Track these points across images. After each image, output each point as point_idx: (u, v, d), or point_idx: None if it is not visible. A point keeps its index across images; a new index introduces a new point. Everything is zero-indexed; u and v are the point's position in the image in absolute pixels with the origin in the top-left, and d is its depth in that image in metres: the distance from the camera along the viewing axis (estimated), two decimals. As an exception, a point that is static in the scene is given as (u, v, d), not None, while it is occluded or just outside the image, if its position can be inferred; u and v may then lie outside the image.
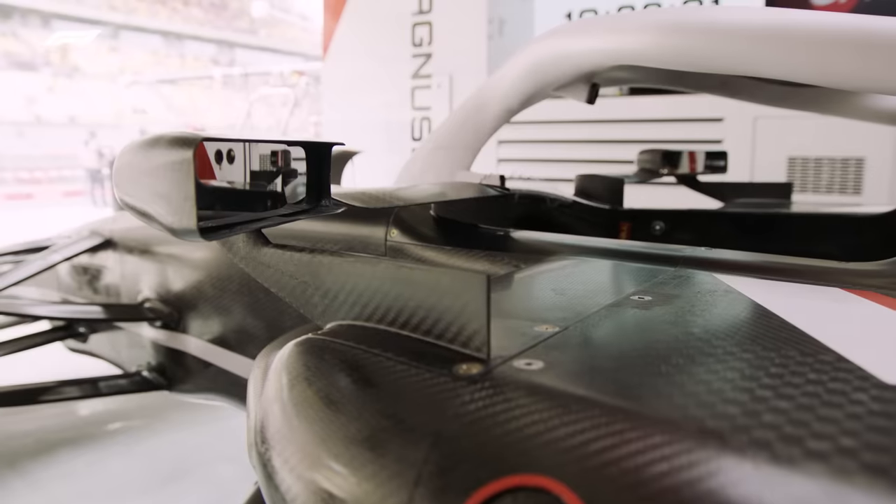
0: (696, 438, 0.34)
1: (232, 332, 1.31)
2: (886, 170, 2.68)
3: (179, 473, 2.32)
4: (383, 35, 4.06)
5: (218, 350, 1.35)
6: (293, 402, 0.48)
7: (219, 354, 1.35)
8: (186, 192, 0.55)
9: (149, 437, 2.59)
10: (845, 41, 0.68)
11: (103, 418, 2.74)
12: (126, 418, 2.75)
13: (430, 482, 0.37)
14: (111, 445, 2.48)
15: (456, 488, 0.36)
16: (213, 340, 1.36)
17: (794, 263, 0.71)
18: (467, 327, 0.49)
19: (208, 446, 2.56)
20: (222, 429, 2.69)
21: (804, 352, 0.46)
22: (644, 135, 3.20)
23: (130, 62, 24.25)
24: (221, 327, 1.33)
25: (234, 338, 1.31)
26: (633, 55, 0.86)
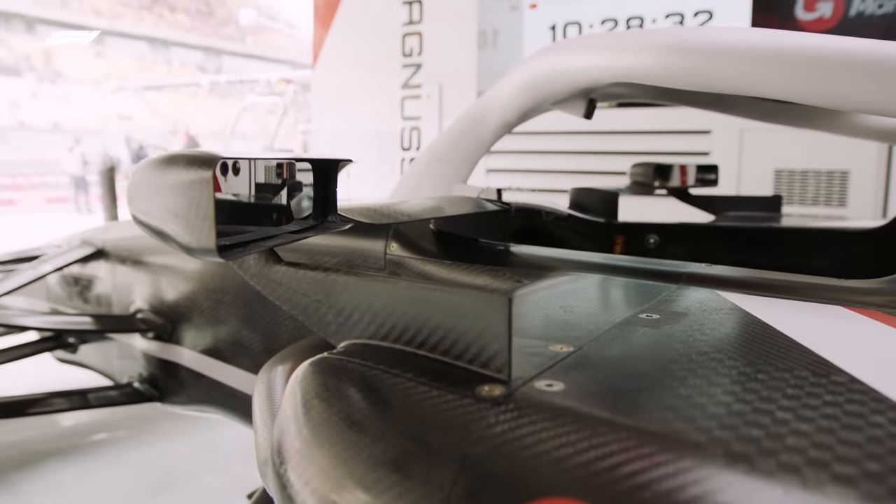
0: (724, 462, 0.35)
1: (227, 344, 1.30)
2: (870, 182, 2.72)
3: (168, 485, 2.30)
4: (373, 44, 4.07)
5: (212, 362, 1.35)
6: (313, 422, 0.48)
7: (213, 366, 1.35)
8: (205, 212, 0.55)
9: (136, 449, 2.56)
10: (849, 64, 0.70)
11: (89, 429, 2.71)
12: (112, 429, 2.73)
13: None
14: (99, 457, 2.46)
15: None
16: (207, 352, 1.36)
17: (795, 281, 0.72)
18: (488, 348, 0.49)
19: (195, 458, 2.55)
20: (209, 440, 2.67)
21: (817, 373, 0.47)
22: (632, 146, 3.22)
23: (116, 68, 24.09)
24: (216, 339, 1.32)
25: (229, 350, 1.30)
26: (636, 73, 0.87)
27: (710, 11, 3.27)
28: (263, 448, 0.65)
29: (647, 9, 3.43)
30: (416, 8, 3.88)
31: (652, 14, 3.42)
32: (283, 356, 0.86)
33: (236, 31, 23.24)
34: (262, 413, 0.72)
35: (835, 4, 2.96)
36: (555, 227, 1.37)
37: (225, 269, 1.29)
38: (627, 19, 3.49)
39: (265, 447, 0.64)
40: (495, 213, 1.02)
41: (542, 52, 1.06)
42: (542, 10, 3.75)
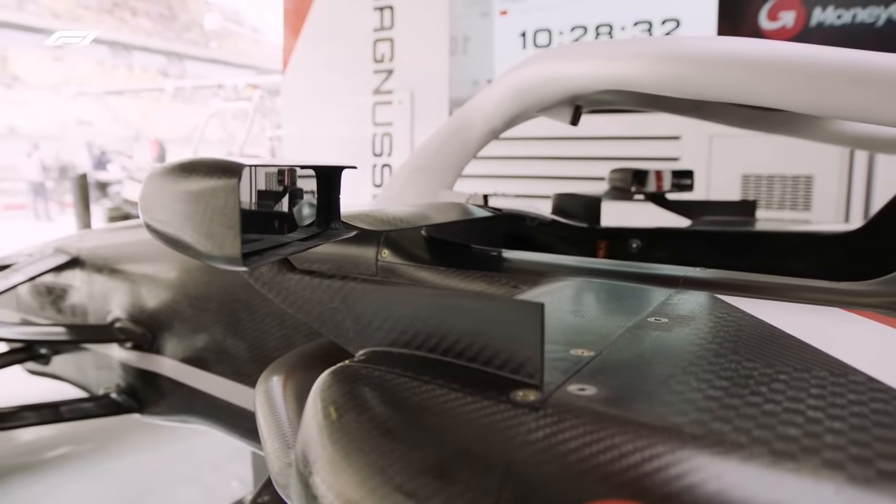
0: (770, 461, 0.36)
1: (210, 353, 1.28)
2: (833, 187, 2.80)
3: (140, 497, 2.26)
4: (344, 50, 4.06)
5: (195, 371, 1.33)
6: (343, 430, 0.48)
7: (195, 375, 1.33)
8: (230, 220, 0.55)
9: (106, 461, 2.51)
10: (838, 73, 0.73)
11: (54, 443, 2.65)
12: (78, 442, 2.67)
13: None
14: (68, 471, 2.40)
15: None
16: (189, 361, 1.34)
17: (789, 283, 0.74)
18: (519, 354, 0.49)
19: (168, 469, 2.50)
20: (182, 450, 2.63)
21: (834, 372, 0.48)
22: (603, 152, 3.27)
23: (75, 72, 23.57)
24: (199, 348, 1.30)
25: (213, 359, 1.28)
26: (630, 81, 0.88)
27: (678, 20, 3.34)
28: (276, 459, 0.64)
29: (616, 17, 3.48)
30: (388, 14, 3.87)
31: (621, 22, 3.47)
32: (281, 365, 0.85)
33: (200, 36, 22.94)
34: (268, 424, 0.71)
35: (797, 14, 3.04)
36: (539, 232, 1.38)
37: (209, 278, 1.27)
38: (597, 26, 3.53)
39: (278, 458, 0.63)
40: (484, 220, 1.02)
41: (531, 60, 1.08)
42: (512, 16, 3.78)
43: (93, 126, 21.53)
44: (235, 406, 1.26)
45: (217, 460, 2.55)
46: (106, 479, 2.35)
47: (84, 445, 2.64)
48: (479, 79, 3.86)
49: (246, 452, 2.44)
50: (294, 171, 0.69)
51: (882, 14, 2.88)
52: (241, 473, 2.49)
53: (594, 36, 3.54)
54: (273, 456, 0.66)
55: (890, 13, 2.86)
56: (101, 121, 21.87)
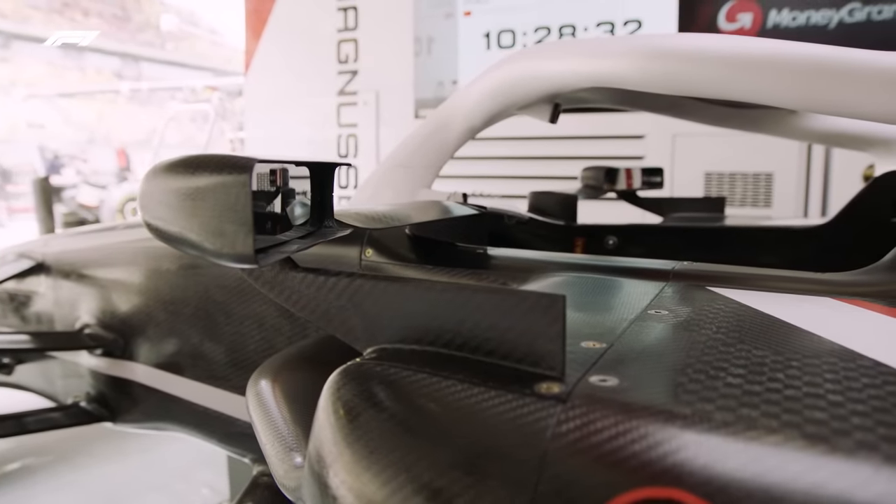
0: (805, 444, 0.37)
1: (187, 358, 1.26)
2: (792, 184, 2.88)
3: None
4: (308, 51, 4.03)
5: (170, 377, 1.30)
6: (362, 429, 0.47)
7: (171, 381, 1.30)
8: (242, 217, 0.54)
9: (72, 472, 2.44)
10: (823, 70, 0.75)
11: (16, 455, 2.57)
12: (42, 454, 2.59)
13: (549, 501, 0.37)
14: (32, 484, 2.33)
15: None
16: (164, 367, 1.31)
17: (777, 275, 0.76)
18: (540, 346, 0.49)
19: (136, 478, 2.45)
20: (150, 459, 2.57)
21: (843, 358, 0.50)
22: (569, 152, 3.30)
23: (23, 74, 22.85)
24: (174, 353, 1.28)
25: (189, 364, 1.26)
26: (614, 78, 0.90)
27: (639, 21, 3.39)
28: (280, 463, 0.63)
29: (579, 18, 3.52)
30: (352, 14, 3.86)
31: (583, 23, 3.51)
32: (270, 368, 0.84)
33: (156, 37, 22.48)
34: (266, 428, 0.70)
35: (754, 16, 3.12)
36: (517, 230, 1.39)
37: (183, 281, 1.25)
38: (560, 27, 3.57)
39: (281, 461, 0.62)
40: (468, 218, 1.03)
41: (512, 58, 1.08)
42: (476, 17, 3.79)
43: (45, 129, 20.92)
44: (213, 411, 1.24)
45: (186, 468, 2.50)
46: (72, 492, 2.29)
47: (46, 457, 2.57)
48: (444, 80, 3.87)
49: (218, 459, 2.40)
50: (282, 169, 0.69)
51: (834, 17, 2.97)
52: (212, 481, 2.45)
53: (557, 37, 3.57)
54: (276, 460, 0.65)
55: (841, 16, 2.95)
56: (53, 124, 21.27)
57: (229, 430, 1.23)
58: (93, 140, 19.42)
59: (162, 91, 14.15)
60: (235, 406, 1.20)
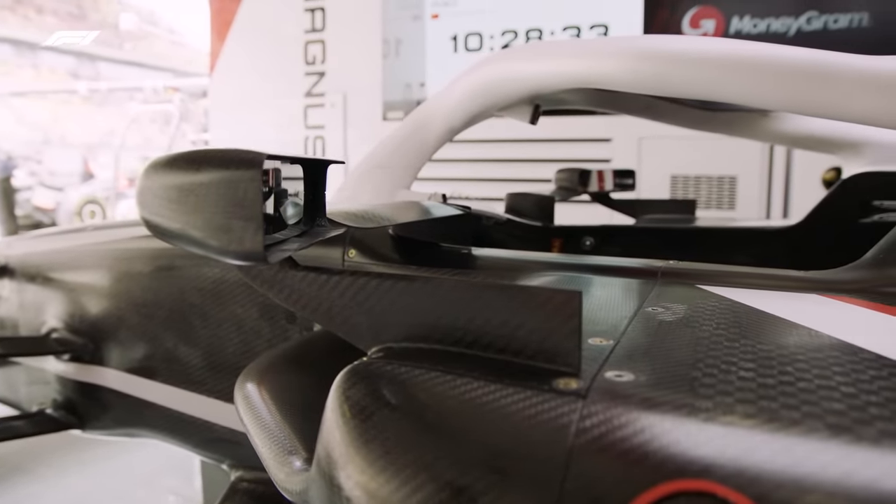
0: (829, 433, 0.37)
1: (161, 362, 1.23)
2: (755, 187, 2.95)
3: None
4: (274, 52, 3.99)
5: (143, 381, 1.27)
6: (377, 430, 0.46)
7: (145, 386, 1.27)
8: (251, 213, 0.53)
9: (33, 484, 2.37)
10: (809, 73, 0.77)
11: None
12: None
13: (576, 499, 0.37)
14: (-9, 496, 2.26)
15: (608, 501, 0.37)
16: (137, 371, 1.28)
17: (761, 273, 0.78)
18: (555, 343, 0.49)
19: (100, 487, 2.39)
20: (113, 468, 2.52)
21: (844, 351, 0.51)
22: (536, 154, 3.33)
23: (-27, 73, 22.14)
24: (148, 357, 1.25)
25: (164, 368, 1.23)
26: (603, 79, 0.90)
27: (606, 25, 3.44)
28: (279, 466, 0.62)
29: (546, 22, 3.55)
30: (319, 15, 3.83)
31: (550, 26, 3.55)
32: (255, 371, 0.82)
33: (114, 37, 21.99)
34: (260, 432, 0.69)
35: (716, 23, 3.18)
36: (495, 231, 1.40)
37: (157, 283, 1.22)
38: (527, 31, 3.60)
39: (281, 465, 0.61)
40: (452, 218, 1.02)
41: (494, 58, 1.08)
42: (443, 20, 3.80)
43: (-5, 129, 20.28)
44: (189, 416, 1.22)
45: (151, 475, 2.45)
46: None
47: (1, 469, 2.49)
48: (412, 82, 3.86)
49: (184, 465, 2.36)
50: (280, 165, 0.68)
51: (793, 24, 3.06)
52: (178, 487, 2.40)
53: (524, 40, 3.60)
54: (274, 464, 0.64)
55: (800, 24, 3.04)
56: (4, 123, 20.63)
57: (206, 436, 1.21)
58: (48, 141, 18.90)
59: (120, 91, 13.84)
60: (213, 410, 1.18)
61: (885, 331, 0.60)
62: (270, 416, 0.72)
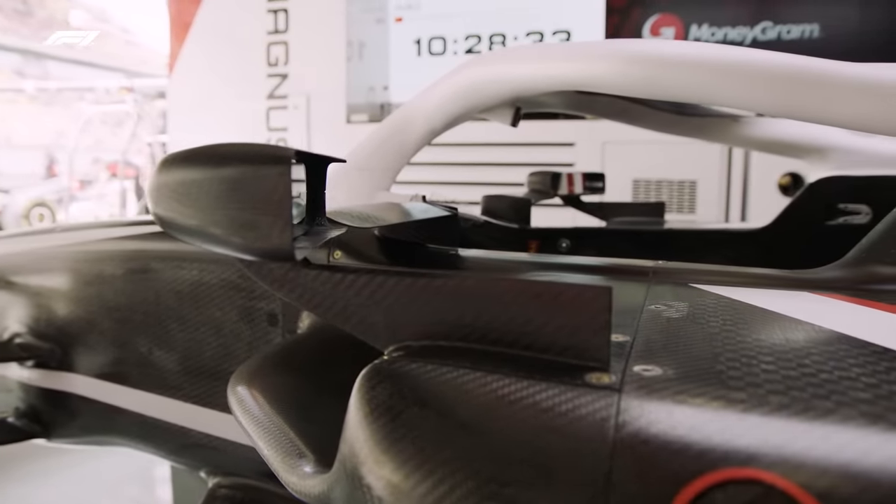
0: (865, 421, 0.39)
1: (135, 367, 1.20)
2: (714, 191, 3.03)
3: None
4: (236, 53, 3.93)
5: (116, 388, 1.24)
6: (405, 428, 0.46)
7: (117, 392, 1.24)
8: (280, 210, 0.52)
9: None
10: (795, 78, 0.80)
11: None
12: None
13: (625, 490, 0.38)
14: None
15: (657, 492, 0.38)
16: (108, 377, 1.24)
17: (749, 272, 0.80)
18: (584, 338, 0.49)
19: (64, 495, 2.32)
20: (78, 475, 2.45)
21: (854, 344, 0.53)
22: (500, 158, 3.36)
23: None
24: (121, 362, 1.22)
25: (138, 373, 1.20)
26: (593, 82, 0.92)
27: (568, 31, 3.49)
28: (289, 469, 0.61)
29: (509, 27, 3.59)
30: (282, 17, 3.79)
31: (514, 32, 3.59)
32: (245, 375, 0.81)
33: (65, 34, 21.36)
34: (264, 437, 0.67)
35: (676, 30, 3.26)
36: (473, 233, 1.40)
37: (132, 286, 1.19)
38: (490, 36, 3.63)
39: (292, 468, 0.60)
40: (439, 219, 1.03)
41: (477, 60, 1.09)
42: (407, 24, 3.81)
43: (-66, 130, 19.47)
44: (164, 422, 1.19)
45: (116, 482, 2.39)
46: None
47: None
48: (375, 85, 3.86)
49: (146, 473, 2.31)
50: None
51: (749, 34, 3.15)
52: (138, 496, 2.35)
53: (488, 45, 3.63)
54: (283, 467, 0.63)
55: (755, 34, 3.13)
56: (-56, 124, 19.84)
57: (182, 442, 1.18)
58: None
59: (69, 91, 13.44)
60: (189, 416, 1.16)
61: (881, 325, 0.63)
62: (271, 419, 0.71)
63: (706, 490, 0.37)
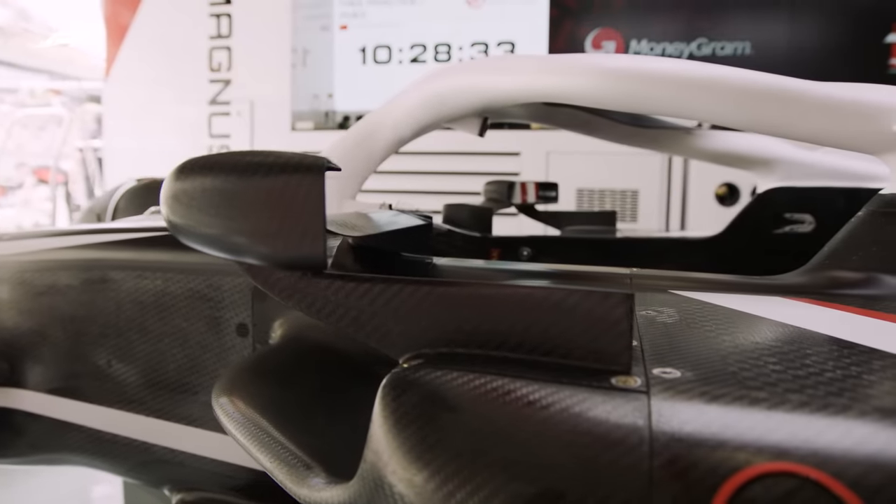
0: (881, 415, 0.42)
1: (92, 381, 1.16)
2: (655, 200, 3.14)
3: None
4: (177, 57, 3.84)
5: (69, 403, 1.19)
6: (437, 436, 0.46)
7: (70, 408, 1.18)
8: (313, 219, 0.52)
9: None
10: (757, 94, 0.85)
11: None
12: None
13: (667, 487, 0.40)
14: None
15: (699, 489, 0.39)
16: (62, 392, 1.19)
17: (722, 280, 0.84)
18: (607, 343, 0.51)
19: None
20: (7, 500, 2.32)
21: (842, 345, 0.56)
22: (447, 167, 3.39)
23: None
24: (76, 376, 1.17)
25: (95, 387, 1.16)
26: (566, 94, 0.95)
27: (512, 42, 3.56)
28: (298, 483, 0.61)
29: (455, 37, 3.63)
30: (225, 21, 3.73)
31: (459, 42, 3.63)
32: (230, 386, 0.80)
33: (-21, 33, 20.30)
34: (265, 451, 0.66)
35: (616, 44, 3.37)
36: (437, 242, 1.42)
37: (90, 297, 1.15)
38: (436, 45, 3.66)
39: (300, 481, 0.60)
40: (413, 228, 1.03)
41: (448, 70, 1.10)
42: (352, 31, 3.80)
43: None
44: (122, 437, 1.15)
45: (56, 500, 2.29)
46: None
47: None
48: (320, 93, 3.83)
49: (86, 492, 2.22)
50: None
51: (685, 49, 3.29)
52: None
53: (433, 54, 3.65)
54: (290, 479, 0.62)
55: (691, 49, 3.27)
56: None
57: (143, 458, 1.15)
58: None
59: (-11, 93, 12.77)
60: (152, 430, 1.12)
61: (859, 327, 0.67)
62: (267, 432, 0.70)
63: (745, 484, 0.39)
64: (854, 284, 0.78)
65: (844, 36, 3.05)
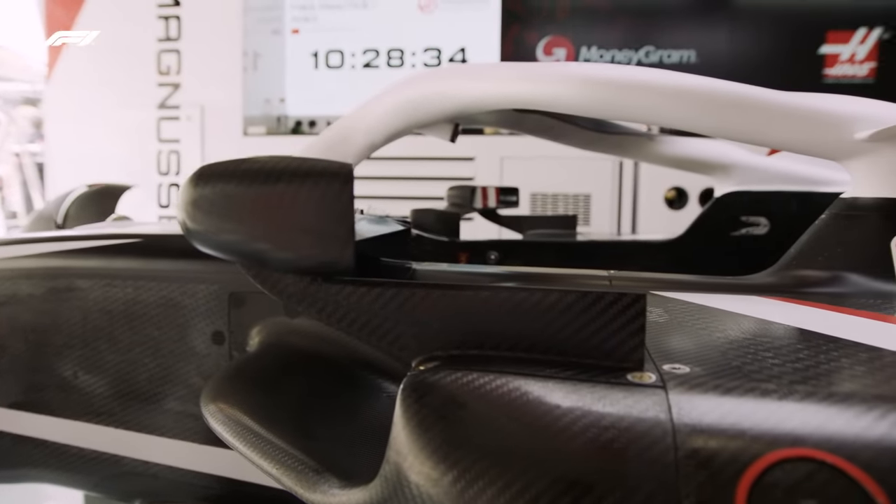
0: (883, 401, 0.45)
1: (56, 393, 1.12)
2: (607, 203, 3.22)
3: None
4: (124, 59, 3.74)
5: (31, 417, 1.14)
6: (464, 435, 0.48)
7: (33, 422, 1.14)
8: (343, 225, 0.52)
9: None
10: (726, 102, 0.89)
11: None
12: None
13: (692, 477, 0.42)
14: None
15: (723, 476, 0.42)
16: (22, 406, 1.15)
17: (699, 281, 0.87)
18: (620, 341, 0.53)
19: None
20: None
21: (827, 339, 0.59)
22: (401, 172, 3.39)
23: None
24: (38, 389, 1.13)
25: (60, 399, 1.12)
26: (545, 102, 0.96)
27: (464, 49, 3.59)
28: (309, 488, 0.61)
29: (407, 43, 3.64)
30: (174, 24, 3.65)
31: (412, 47, 3.64)
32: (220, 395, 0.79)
33: None
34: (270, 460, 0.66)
35: (567, 51, 3.44)
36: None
37: (54, 306, 1.12)
38: (388, 51, 3.66)
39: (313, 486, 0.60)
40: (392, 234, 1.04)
41: (422, 76, 1.11)
42: (304, 35, 3.77)
43: None
44: (90, 451, 1.12)
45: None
46: None
47: None
48: (272, 97, 3.79)
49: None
50: None
51: (634, 57, 3.38)
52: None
53: (385, 60, 3.66)
54: (300, 484, 0.62)
55: (639, 57, 3.36)
56: None
57: (112, 471, 1.12)
58: None
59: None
60: (122, 443, 1.09)
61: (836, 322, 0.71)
62: (267, 440, 0.69)
63: (766, 469, 0.42)
64: (821, 283, 0.82)
65: (782, 45, 3.19)
